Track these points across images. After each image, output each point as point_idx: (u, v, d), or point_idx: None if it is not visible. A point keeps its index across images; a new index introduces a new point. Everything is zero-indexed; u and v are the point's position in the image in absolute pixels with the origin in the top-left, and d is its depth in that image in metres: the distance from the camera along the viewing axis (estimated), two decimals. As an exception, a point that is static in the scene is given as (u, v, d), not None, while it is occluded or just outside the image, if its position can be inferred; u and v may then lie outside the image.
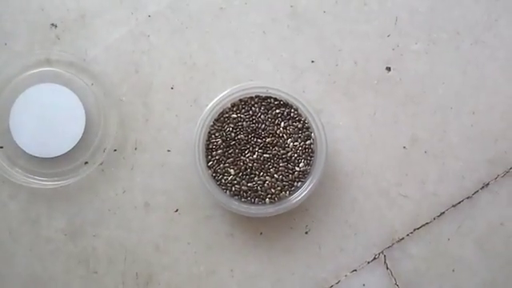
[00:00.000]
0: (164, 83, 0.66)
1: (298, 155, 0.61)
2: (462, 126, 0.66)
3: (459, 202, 0.66)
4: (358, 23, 0.67)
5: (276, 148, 0.61)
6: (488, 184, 0.66)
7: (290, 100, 0.61)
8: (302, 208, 0.64)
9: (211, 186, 0.61)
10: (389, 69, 0.66)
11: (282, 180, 0.61)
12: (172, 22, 0.66)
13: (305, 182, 0.61)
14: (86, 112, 0.64)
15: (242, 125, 0.61)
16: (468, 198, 0.66)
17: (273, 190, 0.61)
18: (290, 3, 0.66)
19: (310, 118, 0.61)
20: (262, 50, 0.66)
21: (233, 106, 0.62)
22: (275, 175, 0.61)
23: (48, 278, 0.65)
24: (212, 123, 0.62)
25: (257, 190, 0.61)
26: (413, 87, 0.66)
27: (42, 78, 0.65)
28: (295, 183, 0.61)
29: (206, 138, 0.62)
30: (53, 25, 0.66)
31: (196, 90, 0.66)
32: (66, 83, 0.64)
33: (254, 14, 0.67)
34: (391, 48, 0.66)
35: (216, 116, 0.62)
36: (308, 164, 0.61)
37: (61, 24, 0.66)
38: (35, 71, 0.65)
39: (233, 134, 0.61)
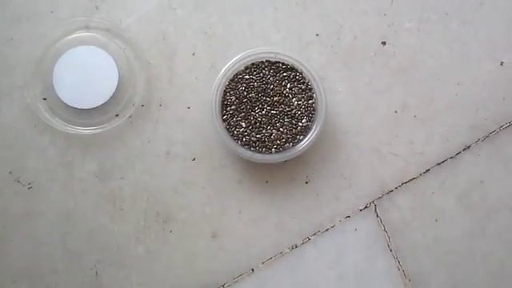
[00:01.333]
0: (186, 50, 0.71)
1: (301, 112, 0.67)
2: (448, 94, 0.70)
3: (443, 161, 0.70)
4: (358, 3, 0.71)
5: (282, 106, 0.67)
6: (469, 146, 0.70)
7: (296, 64, 0.67)
8: (303, 161, 0.69)
9: (225, 136, 0.67)
10: (384, 43, 0.71)
11: (287, 133, 0.67)
12: (196, -3, 0.71)
13: (306, 135, 0.67)
14: (118, 72, 0.69)
15: (253, 85, 0.67)
16: (451, 157, 0.70)
17: (278, 142, 0.67)
18: (300, -16, 0.71)
19: (312, 81, 0.67)
20: (273, 24, 0.71)
21: (246, 68, 0.67)
22: (281, 129, 0.67)
23: (79, 213, 0.69)
24: (228, 83, 0.67)
25: (264, 141, 0.67)
26: (405, 60, 0.71)
27: (82, 41, 0.69)
28: (298, 136, 0.67)
29: (221, 95, 0.67)
30: (93, -4, 0.71)
31: (214, 56, 0.71)
32: (103, 46, 0.69)
33: (268, -7, 0.71)
34: (387, 25, 0.71)
35: (231, 77, 0.67)
36: (309, 120, 0.67)
37: (100, -4, 0.71)
38: (76, 35, 0.70)
39: (245, 93, 0.67)
